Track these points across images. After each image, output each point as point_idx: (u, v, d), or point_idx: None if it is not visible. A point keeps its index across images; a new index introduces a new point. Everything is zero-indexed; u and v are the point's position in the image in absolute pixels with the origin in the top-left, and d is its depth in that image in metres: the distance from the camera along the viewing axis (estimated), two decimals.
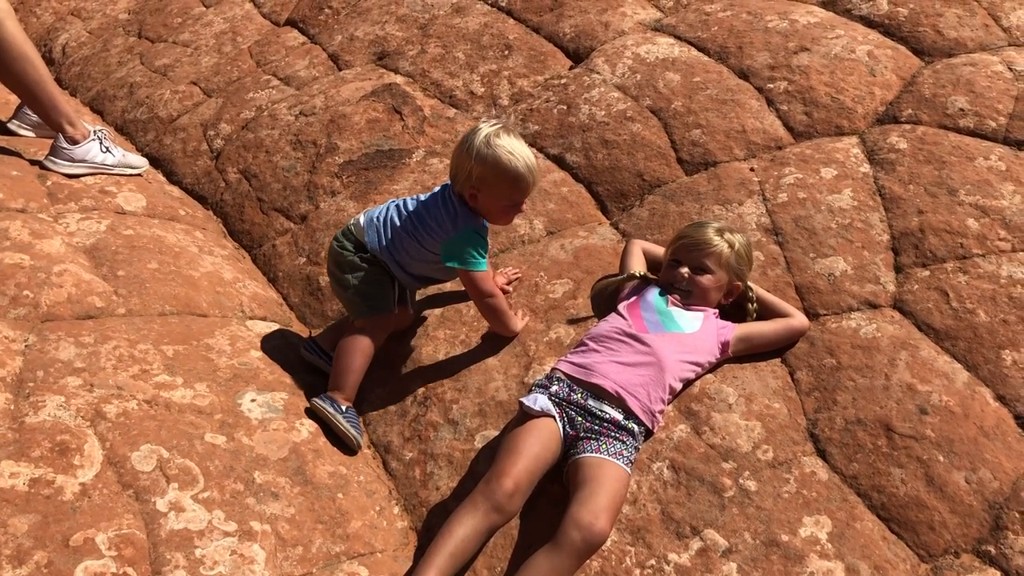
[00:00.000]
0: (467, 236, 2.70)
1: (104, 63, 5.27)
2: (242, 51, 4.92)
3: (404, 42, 4.49)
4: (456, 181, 2.70)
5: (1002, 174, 2.99)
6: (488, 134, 2.62)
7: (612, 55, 3.98)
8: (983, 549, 2.22)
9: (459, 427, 2.69)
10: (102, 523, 2.13)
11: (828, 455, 2.45)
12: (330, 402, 2.70)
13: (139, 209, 3.60)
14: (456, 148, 2.69)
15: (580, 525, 2.14)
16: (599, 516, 2.16)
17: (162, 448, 2.38)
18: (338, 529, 2.40)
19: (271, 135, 4.04)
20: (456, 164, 2.68)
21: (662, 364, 2.48)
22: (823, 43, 3.70)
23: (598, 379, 2.45)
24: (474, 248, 2.69)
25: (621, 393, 2.42)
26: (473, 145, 2.61)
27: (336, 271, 2.82)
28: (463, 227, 2.70)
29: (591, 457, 2.32)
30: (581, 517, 2.16)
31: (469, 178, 2.64)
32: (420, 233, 2.73)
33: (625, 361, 2.49)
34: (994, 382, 2.49)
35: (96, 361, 2.62)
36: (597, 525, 2.15)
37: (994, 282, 2.69)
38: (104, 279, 3.02)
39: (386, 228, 2.77)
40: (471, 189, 2.66)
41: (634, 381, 2.45)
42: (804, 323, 2.71)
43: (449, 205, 2.73)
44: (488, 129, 2.64)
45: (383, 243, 2.76)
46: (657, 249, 2.94)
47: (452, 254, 2.69)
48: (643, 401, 2.44)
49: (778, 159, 3.30)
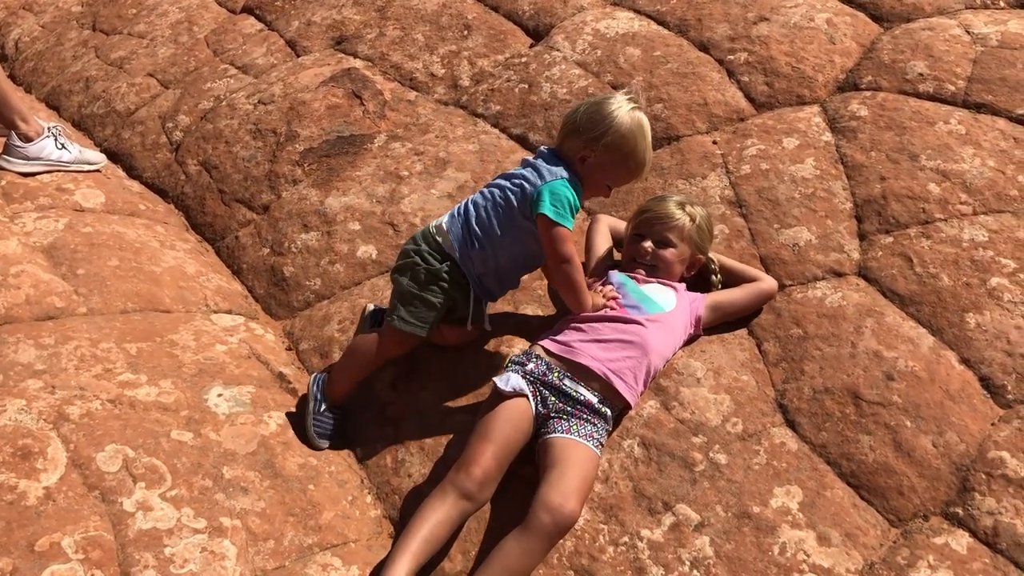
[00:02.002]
0: (566, 186, 2.44)
1: (58, 58, 5.17)
2: (199, 41, 4.84)
3: (362, 25, 4.44)
4: (572, 138, 2.50)
5: (962, 138, 3.00)
6: (634, 109, 2.47)
7: (572, 31, 3.95)
8: (951, 511, 2.24)
9: (429, 412, 2.67)
10: (68, 526, 2.10)
11: (797, 425, 2.46)
12: (317, 392, 2.64)
13: (98, 206, 3.54)
14: (585, 107, 2.50)
15: (550, 507, 2.14)
16: (569, 498, 2.16)
17: (127, 448, 2.35)
18: (310, 521, 2.38)
19: (230, 125, 3.98)
20: (584, 122, 2.47)
21: (647, 347, 2.47)
22: (782, 12, 3.69)
23: (584, 359, 2.42)
24: (570, 201, 2.44)
25: (609, 376, 2.40)
26: (615, 112, 2.44)
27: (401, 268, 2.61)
28: (566, 176, 2.46)
29: (561, 438, 2.31)
30: (551, 499, 2.15)
31: (595, 140, 2.45)
32: (513, 190, 2.49)
33: (609, 339, 2.47)
34: (959, 345, 2.51)
35: (57, 362, 2.58)
36: (567, 507, 2.14)
37: (956, 246, 2.71)
38: (63, 278, 2.97)
39: (470, 214, 2.55)
40: (588, 151, 2.47)
41: (621, 364, 2.43)
42: (771, 284, 2.71)
43: (550, 158, 2.52)
44: (633, 104, 2.47)
45: (466, 235, 2.53)
46: (622, 224, 2.93)
47: (547, 199, 2.41)
48: (629, 384, 2.43)
49: (740, 131, 3.29)
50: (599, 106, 2.48)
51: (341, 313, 3.05)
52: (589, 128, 2.46)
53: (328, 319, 3.06)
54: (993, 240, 2.69)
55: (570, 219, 2.45)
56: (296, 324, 3.13)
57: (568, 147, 2.52)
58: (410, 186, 3.42)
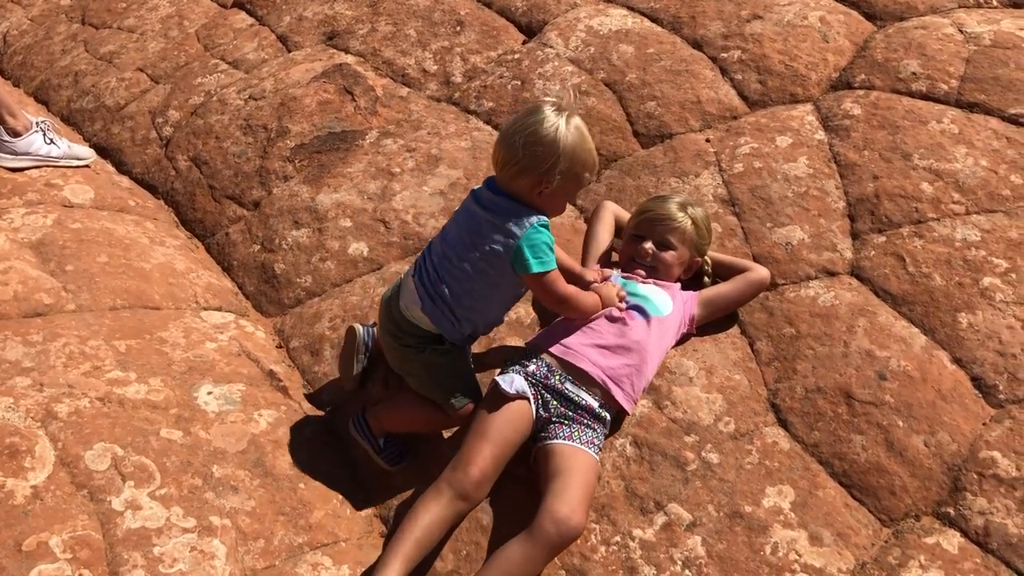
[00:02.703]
0: (539, 231, 2.29)
1: (47, 51, 5.13)
2: (189, 35, 4.81)
3: (354, 21, 4.41)
4: (522, 177, 2.29)
5: (955, 137, 3.00)
6: (568, 117, 2.28)
7: (565, 28, 3.94)
8: (943, 511, 2.24)
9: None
10: (56, 525, 2.09)
11: (789, 424, 2.46)
12: (365, 432, 2.54)
13: (87, 201, 3.52)
14: (521, 140, 2.26)
15: (557, 519, 2.11)
16: (576, 510, 2.14)
17: (116, 446, 2.33)
18: (300, 520, 2.37)
19: (221, 120, 3.95)
20: (528, 159, 2.26)
21: (646, 353, 2.45)
22: (776, 10, 3.68)
23: (585, 364, 2.40)
24: (547, 243, 2.31)
25: (608, 384, 2.39)
26: (555, 135, 2.24)
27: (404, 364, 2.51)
28: (535, 222, 2.29)
29: (564, 445, 2.29)
30: (558, 510, 2.13)
31: (549, 172, 2.27)
32: (487, 260, 2.33)
33: (610, 344, 2.45)
34: (951, 345, 2.51)
35: (45, 360, 2.56)
36: (574, 519, 2.12)
37: (949, 245, 2.71)
38: (52, 275, 2.94)
39: (446, 298, 2.37)
40: (544, 184, 2.29)
41: (620, 372, 2.41)
42: (761, 273, 2.69)
43: (502, 205, 2.33)
44: (558, 114, 2.27)
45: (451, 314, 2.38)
46: (626, 215, 2.90)
47: (530, 258, 2.28)
48: (627, 391, 2.42)
49: (733, 129, 3.28)
50: (535, 135, 2.25)
51: (332, 311, 3.03)
52: (538, 163, 2.27)
53: (319, 317, 3.04)
54: (985, 240, 2.69)
55: (553, 258, 2.34)
56: (287, 322, 3.12)
57: (520, 186, 2.31)
58: (402, 183, 3.41)
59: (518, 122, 2.31)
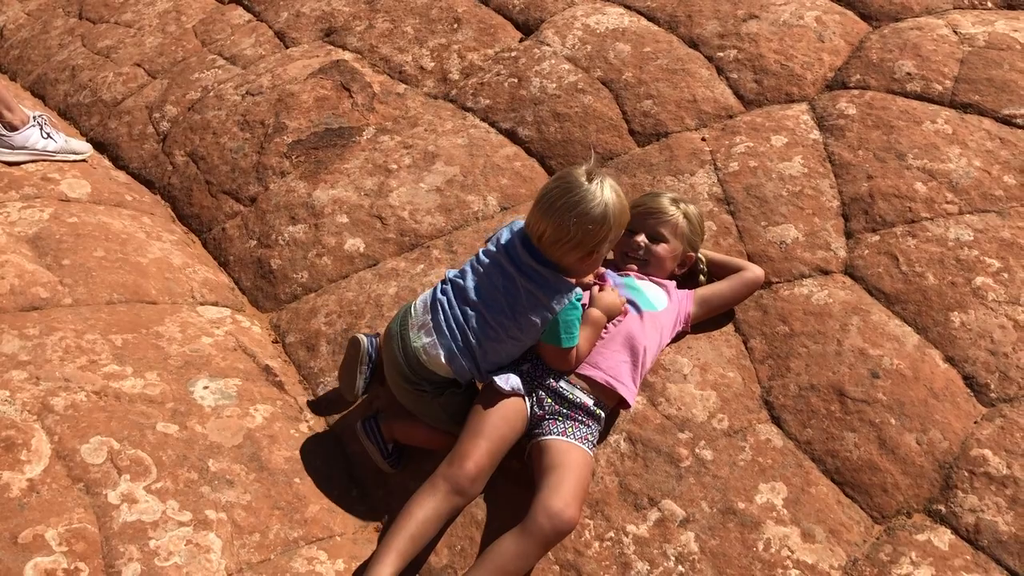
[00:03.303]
0: (576, 308, 2.35)
1: (44, 46, 5.13)
2: (187, 30, 4.81)
3: (351, 17, 4.42)
4: (575, 251, 2.30)
5: (949, 137, 3.02)
6: (606, 183, 2.29)
7: (562, 26, 3.95)
8: (934, 508, 2.26)
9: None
10: (52, 518, 2.09)
11: (783, 422, 2.47)
12: (375, 437, 2.51)
13: (84, 196, 3.52)
14: (572, 220, 2.25)
15: (551, 513, 2.13)
16: (570, 504, 2.15)
17: (113, 439, 2.34)
18: (296, 514, 2.38)
19: (218, 116, 3.96)
20: (582, 236, 2.27)
21: (638, 348, 2.46)
22: (772, 10, 3.70)
23: (586, 369, 2.41)
24: (580, 319, 2.37)
25: (611, 383, 2.40)
26: (604, 210, 2.26)
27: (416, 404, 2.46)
28: (572, 298, 2.34)
29: (558, 441, 2.30)
30: (552, 504, 2.14)
31: (600, 243, 2.31)
32: (518, 326, 2.34)
33: (605, 343, 2.46)
34: (943, 344, 2.53)
35: (42, 353, 2.56)
36: (567, 513, 2.14)
37: (942, 245, 2.72)
38: (48, 269, 2.95)
39: (474, 350, 2.36)
40: (596, 254, 2.34)
41: (619, 370, 2.42)
42: (756, 273, 2.70)
43: (546, 279, 2.33)
44: (600, 181, 2.28)
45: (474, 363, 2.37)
46: None
47: (562, 334, 2.34)
48: (628, 386, 2.43)
49: (729, 128, 3.30)
50: (587, 215, 2.25)
51: (328, 306, 3.04)
52: (591, 239, 2.29)
53: (315, 312, 3.05)
54: (978, 239, 2.71)
55: (578, 334, 2.37)
56: (283, 317, 3.12)
57: (570, 260, 2.33)
58: (399, 179, 3.42)
59: (562, 201, 2.27)
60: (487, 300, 2.36)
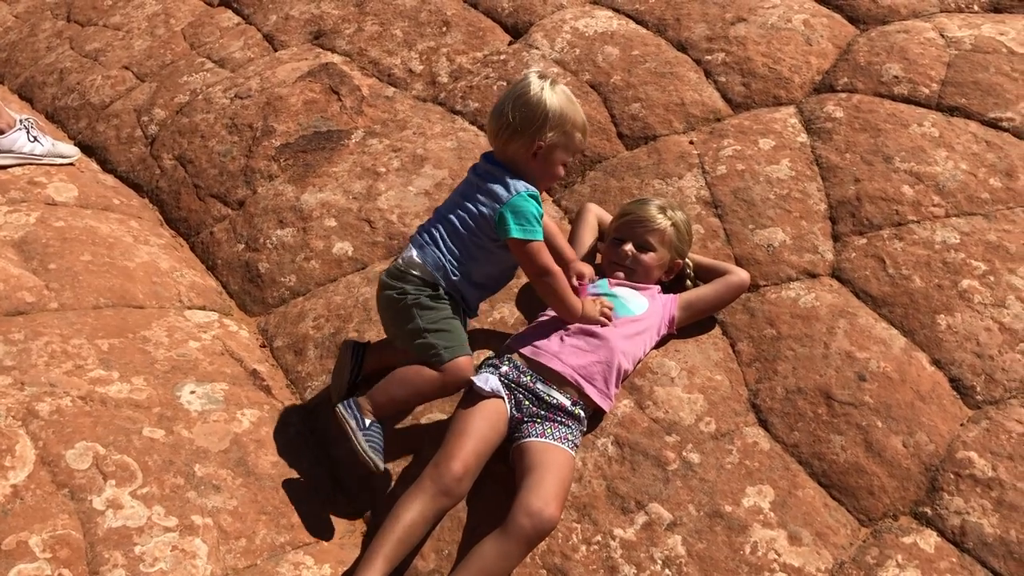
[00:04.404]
0: (526, 199, 2.39)
1: (32, 48, 5.11)
2: (175, 33, 4.80)
3: (340, 20, 4.41)
4: (516, 139, 2.42)
5: (935, 140, 3.03)
6: (549, 83, 2.42)
7: (551, 29, 3.95)
8: (920, 511, 2.26)
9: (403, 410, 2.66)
10: (36, 525, 2.08)
11: (770, 425, 2.47)
12: (353, 411, 2.36)
13: (71, 199, 3.51)
14: (510, 107, 2.41)
15: (530, 512, 2.13)
16: (549, 503, 2.15)
17: (98, 445, 2.33)
18: (282, 519, 2.37)
19: (206, 119, 3.95)
20: (520, 121, 2.39)
21: (614, 351, 2.46)
22: (760, 13, 3.71)
23: (555, 364, 2.42)
24: (535, 213, 2.40)
25: (579, 381, 2.40)
26: (544, 96, 2.39)
27: (397, 318, 2.47)
28: (522, 190, 2.40)
29: (537, 442, 2.31)
30: (531, 503, 2.14)
31: (540, 130, 2.40)
32: (473, 217, 2.43)
33: (576, 345, 2.47)
34: (930, 347, 2.53)
35: (27, 358, 2.55)
36: (547, 511, 2.14)
37: (929, 248, 2.73)
38: (34, 273, 2.94)
39: (439, 242, 2.46)
40: (536, 146, 2.42)
41: (591, 370, 2.43)
42: (742, 276, 2.69)
43: (496, 173, 2.44)
44: (542, 79, 2.42)
45: (444, 258, 2.44)
46: (608, 217, 2.92)
47: (511, 221, 2.37)
48: (600, 388, 2.43)
49: (717, 131, 3.30)
50: (524, 98, 2.41)
51: (316, 310, 3.04)
52: (529, 123, 2.40)
53: (303, 316, 3.04)
54: (964, 243, 2.72)
55: (539, 230, 2.41)
56: (271, 321, 3.12)
57: (515, 150, 2.45)
58: (387, 183, 3.41)
59: (505, 93, 2.49)
60: (447, 205, 2.53)
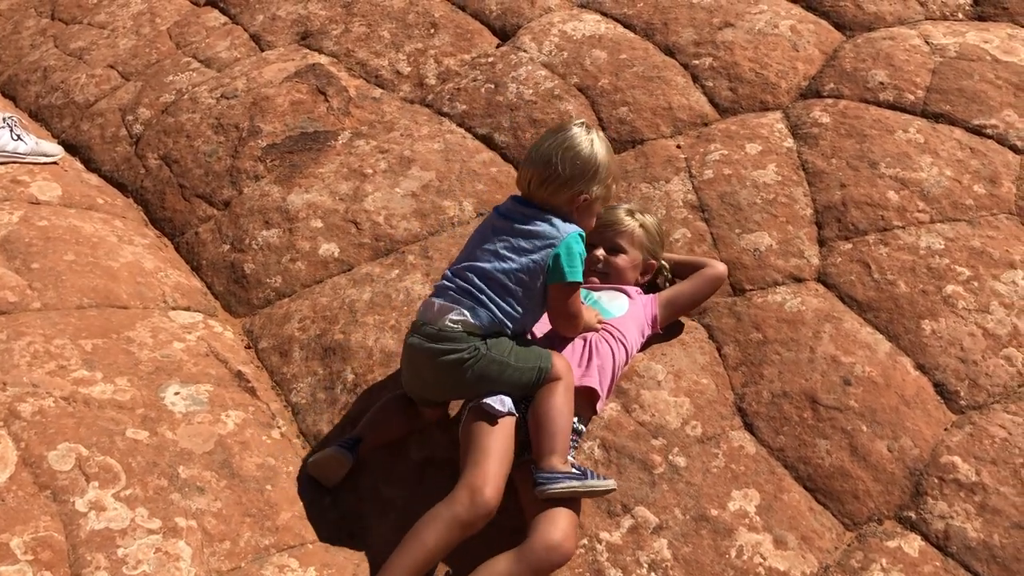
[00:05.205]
0: (577, 240, 2.35)
1: (15, 46, 5.07)
2: (161, 33, 4.77)
3: (328, 21, 4.40)
4: (564, 190, 2.36)
5: (920, 146, 3.05)
6: (596, 135, 2.39)
7: (539, 32, 3.95)
8: (904, 515, 2.27)
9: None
10: (17, 527, 2.06)
11: (756, 429, 2.48)
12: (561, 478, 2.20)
13: (54, 199, 3.48)
14: (558, 157, 2.34)
15: (550, 546, 2.10)
16: (569, 537, 2.14)
17: (81, 446, 2.31)
18: (267, 522, 2.36)
19: (192, 119, 3.93)
20: (571, 173, 2.34)
21: (603, 353, 2.47)
22: (747, 18, 3.72)
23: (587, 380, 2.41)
24: (583, 255, 2.37)
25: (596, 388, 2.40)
26: (591, 149, 2.35)
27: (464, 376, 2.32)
28: (572, 231, 2.35)
29: None
30: (552, 536, 2.11)
31: (585, 186, 2.36)
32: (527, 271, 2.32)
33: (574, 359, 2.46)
34: (914, 351, 2.55)
35: (9, 358, 2.53)
36: (566, 546, 2.12)
37: (913, 253, 2.75)
38: (17, 272, 2.91)
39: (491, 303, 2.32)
40: (581, 198, 2.37)
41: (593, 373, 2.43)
42: (718, 268, 2.71)
43: (536, 215, 2.37)
44: (588, 132, 2.39)
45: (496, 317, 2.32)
46: None
47: (566, 266, 2.31)
48: (606, 386, 2.44)
49: (704, 136, 3.31)
50: (575, 151, 2.35)
51: (302, 312, 3.02)
52: (579, 175, 2.35)
53: (288, 317, 3.03)
54: (949, 248, 2.74)
55: (580, 272, 2.36)
56: (256, 322, 3.10)
57: (560, 201, 2.38)
58: (374, 184, 3.40)
59: (549, 142, 2.39)
60: (485, 256, 2.36)
